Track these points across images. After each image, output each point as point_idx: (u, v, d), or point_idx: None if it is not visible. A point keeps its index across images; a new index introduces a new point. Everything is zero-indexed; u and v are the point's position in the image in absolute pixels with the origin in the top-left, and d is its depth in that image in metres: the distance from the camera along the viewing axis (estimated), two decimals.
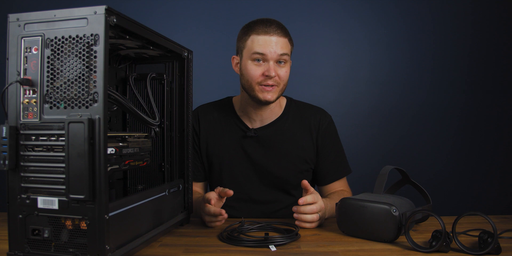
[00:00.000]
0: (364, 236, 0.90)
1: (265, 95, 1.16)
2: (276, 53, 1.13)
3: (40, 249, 0.68)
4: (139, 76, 1.02)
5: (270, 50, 1.13)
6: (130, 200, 0.77)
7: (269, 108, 1.24)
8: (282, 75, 1.16)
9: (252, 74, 1.15)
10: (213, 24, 2.17)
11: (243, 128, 1.25)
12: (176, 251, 0.83)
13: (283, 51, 1.14)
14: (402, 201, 0.91)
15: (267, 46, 1.13)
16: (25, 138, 0.69)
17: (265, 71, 1.14)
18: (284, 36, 1.16)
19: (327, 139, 1.29)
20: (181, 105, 1.03)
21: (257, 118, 1.26)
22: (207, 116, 1.29)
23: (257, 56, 1.14)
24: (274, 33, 1.14)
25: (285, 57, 1.15)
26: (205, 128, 1.28)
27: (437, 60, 2.21)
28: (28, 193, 0.69)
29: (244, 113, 1.27)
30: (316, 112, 1.31)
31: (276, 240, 0.86)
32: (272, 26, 1.15)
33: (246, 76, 1.17)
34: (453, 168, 2.21)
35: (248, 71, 1.16)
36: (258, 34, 1.14)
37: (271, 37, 1.13)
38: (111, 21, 0.67)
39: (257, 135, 1.24)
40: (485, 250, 0.76)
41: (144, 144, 0.89)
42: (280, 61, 1.15)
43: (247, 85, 1.18)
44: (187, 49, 1.02)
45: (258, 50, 1.13)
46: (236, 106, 1.29)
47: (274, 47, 1.13)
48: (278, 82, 1.16)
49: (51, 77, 0.68)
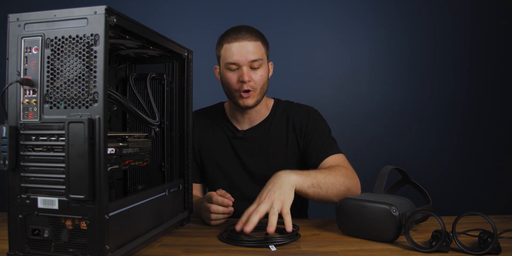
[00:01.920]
0: (364, 236, 0.90)
1: (244, 101, 1.19)
2: (247, 60, 1.15)
3: (40, 249, 0.68)
4: (139, 76, 1.02)
5: (241, 58, 1.15)
6: (130, 200, 0.77)
7: (255, 110, 1.28)
8: (257, 79, 1.18)
9: (229, 82, 1.19)
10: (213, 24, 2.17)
11: (232, 130, 1.30)
12: (176, 251, 0.83)
13: (254, 56, 1.16)
14: (402, 201, 0.91)
15: (238, 53, 1.15)
16: (25, 138, 0.69)
17: (240, 77, 1.17)
18: (255, 40, 1.18)
19: (310, 127, 1.28)
20: (181, 105, 1.03)
21: (245, 120, 1.30)
22: (200, 120, 1.34)
23: (230, 65, 1.17)
24: (244, 39, 1.16)
25: (258, 62, 1.17)
26: (198, 131, 1.32)
27: (437, 60, 2.21)
28: (28, 193, 0.69)
29: (233, 116, 1.32)
30: (299, 110, 1.32)
31: (276, 240, 0.86)
32: (241, 32, 1.17)
33: (226, 84, 1.22)
34: (453, 168, 2.21)
35: (225, 79, 1.21)
36: (229, 42, 1.17)
37: (241, 42, 1.16)
38: (111, 21, 0.67)
39: (246, 136, 1.28)
40: (485, 250, 0.76)
41: (144, 144, 0.89)
42: (253, 67, 1.17)
43: (228, 93, 1.23)
44: (187, 49, 1.02)
45: (229, 60, 1.17)
46: (227, 110, 1.34)
47: (245, 54, 1.15)
48: (254, 87, 1.18)
49: (51, 77, 0.68)
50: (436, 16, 2.21)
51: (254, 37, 1.18)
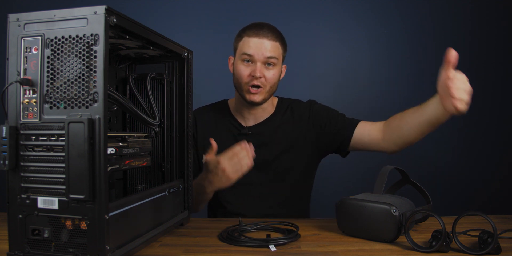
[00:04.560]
0: (364, 236, 0.90)
1: (251, 96, 1.21)
2: (263, 55, 1.18)
3: (40, 249, 0.68)
4: (139, 76, 1.02)
5: (258, 52, 1.18)
6: (130, 200, 0.77)
7: (261, 108, 1.29)
8: (268, 77, 1.20)
9: (240, 74, 1.21)
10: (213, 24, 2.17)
11: (237, 127, 1.30)
12: (176, 251, 0.83)
13: (271, 54, 1.18)
14: (402, 201, 0.91)
15: (255, 48, 1.18)
16: (25, 138, 0.69)
17: (252, 71, 1.19)
18: (275, 40, 1.20)
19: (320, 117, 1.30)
20: (181, 105, 1.03)
21: (250, 116, 1.31)
22: (204, 117, 1.34)
23: (246, 56, 1.19)
24: (265, 36, 1.19)
25: (273, 60, 1.19)
26: (202, 129, 1.32)
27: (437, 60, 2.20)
28: (28, 193, 0.69)
29: (238, 113, 1.32)
30: (302, 103, 1.36)
31: (276, 240, 0.86)
32: (263, 29, 1.20)
33: (236, 75, 1.23)
34: (453, 168, 2.21)
35: (237, 71, 1.22)
36: (249, 36, 1.20)
37: (261, 39, 1.18)
38: (111, 21, 0.67)
39: (251, 132, 1.29)
40: (485, 250, 0.76)
41: (144, 144, 0.89)
42: (268, 64, 1.20)
43: (237, 84, 1.24)
44: (187, 49, 1.02)
45: (246, 51, 1.19)
46: (231, 107, 1.35)
47: (263, 50, 1.18)
48: (264, 84, 1.20)
49: (51, 77, 0.68)
50: (436, 16, 2.21)
51: (275, 38, 1.20)
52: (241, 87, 1.22)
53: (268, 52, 1.18)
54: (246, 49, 1.19)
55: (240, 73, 1.21)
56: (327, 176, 2.12)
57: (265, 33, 1.19)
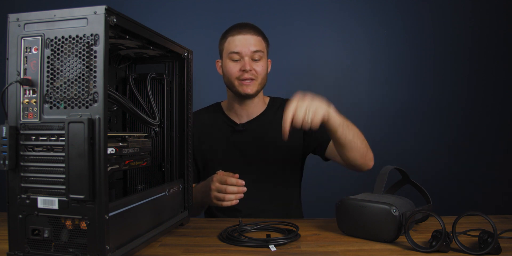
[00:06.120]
0: (364, 236, 0.90)
1: (245, 88, 1.26)
2: (250, 50, 1.24)
3: (40, 249, 0.68)
4: (139, 76, 1.02)
5: (244, 48, 1.24)
6: (130, 200, 0.77)
7: (253, 102, 1.33)
8: (258, 70, 1.26)
9: (231, 71, 1.26)
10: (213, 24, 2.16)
11: (231, 124, 1.34)
12: (176, 251, 0.83)
13: (256, 48, 1.25)
14: (402, 201, 0.91)
15: (241, 44, 1.24)
16: (25, 138, 0.69)
17: (241, 66, 1.25)
18: (258, 35, 1.28)
19: None
20: (181, 105, 1.03)
21: (243, 113, 1.34)
22: (199, 119, 1.37)
23: (233, 55, 1.25)
24: (248, 33, 1.26)
25: (259, 53, 1.26)
26: (198, 130, 1.35)
27: (437, 60, 2.21)
28: (28, 193, 0.69)
29: (231, 111, 1.36)
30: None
31: (276, 240, 0.86)
32: (245, 27, 1.27)
33: (226, 73, 1.28)
34: (453, 168, 2.21)
35: (227, 69, 1.28)
36: (233, 36, 1.27)
37: (245, 35, 1.25)
38: (111, 21, 0.67)
39: (245, 129, 1.33)
40: (485, 250, 0.76)
41: (144, 144, 0.89)
42: (254, 59, 1.26)
43: (228, 82, 1.29)
44: (187, 49, 1.02)
45: (233, 49, 1.25)
46: (224, 107, 1.40)
47: (248, 45, 1.24)
48: (255, 76, 1.26)
49: (51, 77, 0.68)
50: (436, 16, 2.21)
51: (257, 33, 1.28)
52: (233, 83, 1.27)
53: (253, 46, 1.25)
54: (232, 48, 1.25)
55: (230, 71, 1.26)
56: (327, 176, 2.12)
57: (247, 30, 1.26)
